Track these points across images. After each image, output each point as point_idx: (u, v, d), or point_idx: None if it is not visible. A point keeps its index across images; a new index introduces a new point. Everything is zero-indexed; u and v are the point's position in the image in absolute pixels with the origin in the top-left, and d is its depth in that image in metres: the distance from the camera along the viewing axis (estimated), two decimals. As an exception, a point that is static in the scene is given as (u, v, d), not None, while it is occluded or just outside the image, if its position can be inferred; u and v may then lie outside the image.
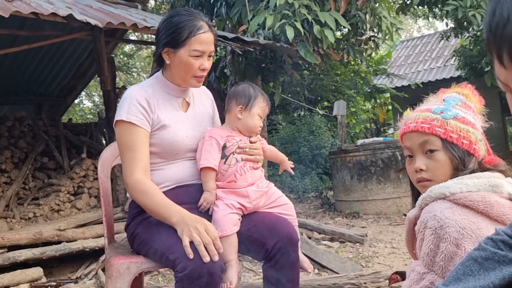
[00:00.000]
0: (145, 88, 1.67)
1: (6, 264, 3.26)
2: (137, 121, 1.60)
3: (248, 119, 1.72)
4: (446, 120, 1.15)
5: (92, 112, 16.73)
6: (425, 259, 1.04)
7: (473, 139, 1.14)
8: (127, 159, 1.60)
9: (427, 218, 1.05)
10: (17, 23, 4.79)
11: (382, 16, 5.19)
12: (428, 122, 1.16)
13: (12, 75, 6.43)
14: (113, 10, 4.27)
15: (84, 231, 3.68)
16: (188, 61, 1.62)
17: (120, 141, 1.63)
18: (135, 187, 1.57)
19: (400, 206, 5.48)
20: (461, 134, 1.14)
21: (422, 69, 11.92)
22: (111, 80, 4.36)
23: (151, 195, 1.55)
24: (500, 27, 0.50)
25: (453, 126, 1.14)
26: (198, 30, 1.62)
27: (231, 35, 4.38)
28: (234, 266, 1.57)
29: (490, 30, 0.52)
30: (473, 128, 1.16)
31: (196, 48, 1.61)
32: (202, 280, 1.38)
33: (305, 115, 9.80)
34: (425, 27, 24.63)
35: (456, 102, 1.19)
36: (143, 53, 15.54)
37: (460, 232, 1.00)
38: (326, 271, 3.26)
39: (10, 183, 4.82)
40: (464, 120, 1.15)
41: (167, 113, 1.67)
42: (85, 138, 5.80)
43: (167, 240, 1.49)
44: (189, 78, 1.66)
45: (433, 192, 1.08)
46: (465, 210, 1.04)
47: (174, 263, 1.43)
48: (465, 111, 1.18)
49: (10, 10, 2.98)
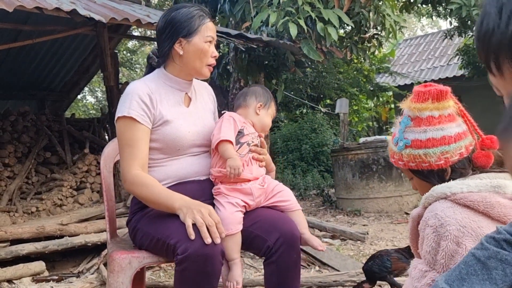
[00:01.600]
0: (147, 83, 1.68)
1: (8, 258, 3.28)
2: (138, 117, 1.60)
3: (265, 117, 1.80)
4: (400, 152, 1.16)
5: (95, 107, 16.77)
6: (426, 257, 1.05)
7: (432, 159, 1.12)
8: (126, 155, 1.61)
9: (429, 217, 1.06)
10: (20, 18, 4.80)
11: (386, 14, 5.18)
12: (392, 157, 1.21)
13: (15, 70, 6.44)
14: (116, 5, 4.27)
15: (86, 226, 3.69)
16: (204, 47, 1.66)
17: (120, 137, 1.64)
18: (134, 181, 1.57)
19: (402, 205, 5.48)
20: (417, 160, 1.14)
21: (425, 68, 11.90)
22: (114, 75, 4.37)
23: (150, 186, 1.56)
24: (487, 38, 0.52)
25: (408, 156, 1.15)
26: (206, 18, 1.69)
27: (234, 32, 4.38)
28: (238, 264, 1.58)
29: (479, 40, 0.54)
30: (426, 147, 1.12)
31: (209, 34, 1.67)
32: (202, 262, 1.38)
33: (308, 112, 9.80)
34: (428, 26, 24.56)
35: (406, 123, 1.17)
36: (146, 49, 15.54)
37: (461, 230, 1.00)
38: (327, 268, 3.26)
39: (13, 177, 4.84)
40: (416, 144, 1.14)
41: (170, 108, 1.68)
42: (88, 133, 5.81)
43: (167, 228, 1.50)
44: (203, 66, 1.68)
45: (435, 192, 1.09)
46: (465, 209, 1.04)
47: (175, 247, 1.43)
48: (416, 130, 1.15)
49: (14, 4, 2.99)
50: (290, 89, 9.35)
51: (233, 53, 5.48)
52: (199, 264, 1.38)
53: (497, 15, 0.51)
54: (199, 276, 1.40)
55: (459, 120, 1.16)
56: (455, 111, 1.15)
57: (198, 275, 1.40)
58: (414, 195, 5.50)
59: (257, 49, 5.06)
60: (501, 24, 0.50)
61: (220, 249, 1.43)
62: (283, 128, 9.76)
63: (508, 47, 0.50)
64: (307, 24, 4.42)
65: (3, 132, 5.08)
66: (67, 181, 4.83)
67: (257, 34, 4.78)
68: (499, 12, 0.51)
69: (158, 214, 1.58)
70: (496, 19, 0.51)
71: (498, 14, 0.51)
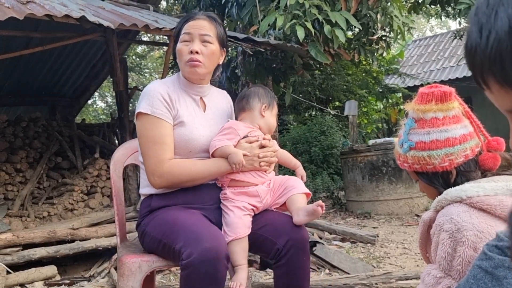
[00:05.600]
0: (167, 83, 1.71)
1: (21, 262, 3.31)
2: (162, 115, 1.62)
3: (270, 118, 1.78)
4: (406, 154, 1.16)
5: (105, 112, 16.89)
6: (441, 263, 1.02)
7: (436, 161, 1.12)
8: (154, 151, 1.61)
9: (443, 221, 1.03)
10: (31, 25, 4.86)
11: (394, 16, 5.16)
12: (398, 159, 1.20)
13: (26, 77, 6.53)
14: (125, 11, 4.31)
15: (97, 230, 3.72)
16: (178, 48, 1.68)
17: (144, 134, 1.63)
18: (171, 169, 1.60)
19: (412, 207, 5.44)
20: (422, 162, 1.13)
21: (434, 69, 11.81)
22: (123, 81, 4.41)
23: (187, 165, 1.63)
24: (471, 56, 0.55)
25: (413, 158, 1.14)
26: (188, 19, 1.69)
27: (242, 36, 4.40)
28: (245, 269, 1.58)
29: (466, 57, 0.57)
30: (430, 149, 1.12)
31: (184, 32, 1.67)
32: (207, 267, 1.38)
33: (316, 115, 9.77)
34: (437, 26, 24.40)
35: (410, 125, 1.16)
36: (155, 54, 15.64)
37: (478, 235, 0.98)
38: (337, 271, 3.25)
39: (25, 182, 4.90)
40: (420, 146, 1.13)
41: (186, 110, 1.69)
42: (98, 138, 5.87)
43: (173, 232, 1.51)
44: (183, 65, 1.68)
45: (449, 195, 1.06)
46: (482, 213, 1.01)
47: (180, 252, 1.43)
48: (420, 131, 1.14)
49: (24, 12, 3.03)
50: (299, 91, 9.34)
51: (241, 57, 5.50)
52: (203, 269, 1.38)
53: (478, 34, 0.53)
54: (204, 281, 1.40)
55: (465, 122, 1.14)
56: (460, 112, 1.14)
57: (203, 280, 1.40)
58: (424, 197, 5.45)
59: (265, 53, 5.07)
60: (481, 43, 0.53)
61: (224, 253, 1.43)
62: (292, 130, 9.75)
63: (489, 65, 0.52)
64: (315, 27, 4.42)
65: (15, 138, 5.14)
66: (78, 186, 4.87)
67: (265, 38, 4.79)
68: (479, 31, 0.53)
69: (165, 218, 1.59)
70: (477, 38, 0.53)
71: (478, 33, 0.53)
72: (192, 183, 1.64)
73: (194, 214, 1.59)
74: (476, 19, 0.54)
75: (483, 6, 0.54)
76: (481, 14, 0.54)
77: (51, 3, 3.60)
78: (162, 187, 1.64)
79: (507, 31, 0.50)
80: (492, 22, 0.51)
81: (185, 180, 1.62)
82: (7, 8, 3.07)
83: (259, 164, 1.67)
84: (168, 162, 1.61)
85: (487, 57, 0.52)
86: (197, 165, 1.63)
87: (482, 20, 0.53)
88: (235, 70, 5.93)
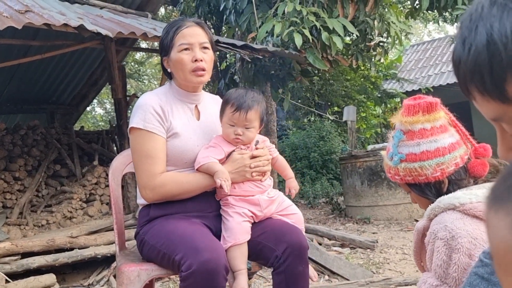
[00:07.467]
0: (159, 95, 1.70)
1: (19, 271, 3.30)
2: (155, 129, 1.63)
3: (223, 128, 1.69)
4: (396, 166, 1.16)
5: (104, 119, 16.89)
6: (437, 271, 1.02)
7: (428, 171, 1.12)
8: (146, 165, 1.62)
9: (438, 229, 1.04)
10: (29, 34, 4.88)
11: (391, 22, 5.19)
12: (389, 171, 1.20)
13: (25, 85, 6.54)
14: (123, 19, 4.33)
15: (96, 238, 3.71)
16: (178, 57, 1.66)
17: (137, 148, 1.65)
18: (164, 182, 1.61)
19: (411, 212, 5.44)
20: (414, 174, 1.13)
21: (432, 73, 11.85)
22: (122, 88, 4.41)
23: (179, 179, 1.63)
24: (456, 68, 0.59)
25: (405, 170, 1.14)
26: (179, 27, 1.69)
27: (240, 43, 4.42)
28: (244, 275, 1.58)
29: (453, 68, 0.61)
30: (421, 160, 1.12)
31: (181, 42, 1.66)
32: (206, 278, 1.38)
33: (315, 120, 9.79)
34: (435, 31, 24.50)
35: (399, 138, 1.16)
36: (153, 60, 15.67)
37: (473, 242, 0.98)
38: (337, 277, 3.24)
39: (24, 190, 4.89)
40: (411, 157, 1.13)
41: (180, 121, 1.69)
42: (97, 145, 5.87)
43: (172, 242, 1.51)
44: (187, 75, 1.67)
45: (442, 203, 1.07)
46: (475, 220, 1.02)
47: (179, 263, 1.44)
48: (410, 143, 1.14)
49: (23, 22, 3.04)
50: (298, 97, 9.36)
51: (239, 64, 5.52)
52: (203, 281, 1.38)
53: (461, 47, 0.57)
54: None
55: (451, 131, 1.16)
56: (446, 122, 1.15)
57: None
58: (424, 202, 5.45)
59: (263, 59, 5.09)
60: (463, 55, 0.56)
61: (224, 265, 1.43)
62: (291, 136, 9.76)
63: (470, 77, 0.56)
64: (312, 34, 4.44)
65: (14, 146, 5.14)
66: (76, 194, 4.87)
67: (263, 45, 4.81)
68: (463, 44, 0.57)
69: (164, 227, 1.59)
70: (460, 51, 0.57)
71: (462, 46, 0.57)
72: (184, 196, 1.64)
73: (193, 224, 1.59)
74: (460, 32, 0.58)
75: (466, 20, 0.57)
76: (464, 28, 0.57)
77: (49, 12, 3.62)
78: (154, 201, 1.65)
79: (485, 44, 0.53)
80: (473, 36, 0.55)
81: (176, 193, 1.63)
82: (6, 17, 3.08)
83: (251, 174, 1.66)
84: (160, 176, 1.61)
85: (469, 69, 0.55)
86: (189, 178, 1.64)
87: (465, 33, 0.57)
88: (233, 76, 5.95)
